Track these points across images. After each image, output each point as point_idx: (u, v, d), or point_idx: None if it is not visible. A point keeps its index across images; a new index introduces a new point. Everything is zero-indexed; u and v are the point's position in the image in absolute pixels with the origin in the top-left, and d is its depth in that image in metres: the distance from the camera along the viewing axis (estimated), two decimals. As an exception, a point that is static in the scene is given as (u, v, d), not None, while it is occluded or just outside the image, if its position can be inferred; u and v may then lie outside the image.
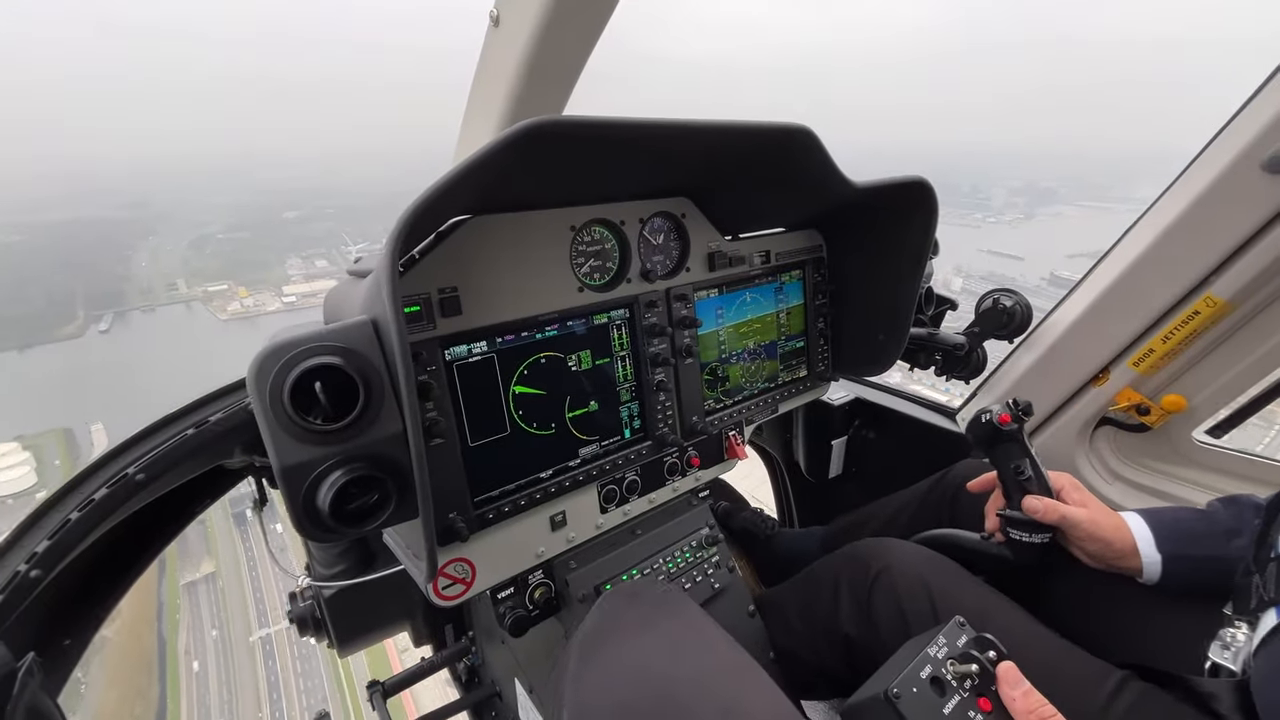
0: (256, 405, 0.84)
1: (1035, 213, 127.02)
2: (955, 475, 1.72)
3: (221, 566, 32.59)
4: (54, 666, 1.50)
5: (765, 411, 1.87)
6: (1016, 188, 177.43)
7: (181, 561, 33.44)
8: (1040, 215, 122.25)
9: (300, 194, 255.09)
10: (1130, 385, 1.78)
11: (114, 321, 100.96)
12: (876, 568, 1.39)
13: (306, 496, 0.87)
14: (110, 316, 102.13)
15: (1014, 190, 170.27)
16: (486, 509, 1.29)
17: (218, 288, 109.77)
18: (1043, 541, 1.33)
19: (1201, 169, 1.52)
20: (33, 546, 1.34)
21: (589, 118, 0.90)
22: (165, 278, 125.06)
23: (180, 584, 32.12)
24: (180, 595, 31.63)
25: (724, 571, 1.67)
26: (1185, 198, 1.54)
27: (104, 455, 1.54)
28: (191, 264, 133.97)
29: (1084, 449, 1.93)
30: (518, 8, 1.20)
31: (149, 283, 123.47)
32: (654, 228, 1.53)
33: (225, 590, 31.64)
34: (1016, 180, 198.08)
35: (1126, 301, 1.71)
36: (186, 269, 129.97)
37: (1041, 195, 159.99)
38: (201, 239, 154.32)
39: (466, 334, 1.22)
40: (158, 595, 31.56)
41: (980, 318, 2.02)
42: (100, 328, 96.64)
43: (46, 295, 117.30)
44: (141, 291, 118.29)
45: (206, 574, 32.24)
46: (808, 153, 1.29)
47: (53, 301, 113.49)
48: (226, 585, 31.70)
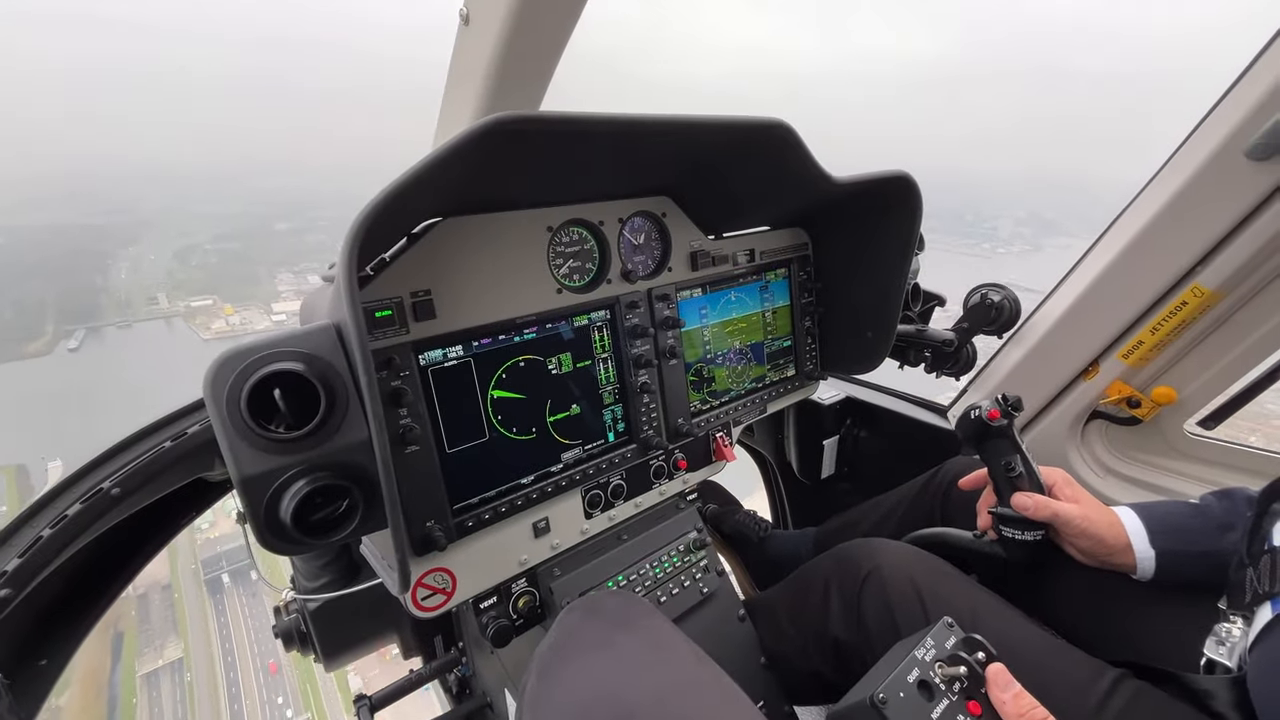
0: (213, 413, 0.82)
1: (1043, 244, 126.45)
2: (946, 473, 1.70)
3: (191, 650, 27.79)
4: (27, 689, 1.46)
5: (753, 412, 1.84)
6: (1022, 218, 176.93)
7: (143, 642, 28.34)
8: (1048, 247, 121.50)
9: (294, 205, 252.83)
10: (1120, 378, 1.77)
11: (86, 338, 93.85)
12: (866, 569, 1.36)
13: (268, 508, 0.84)
14: (82, 333, 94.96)
15: (1019, 220, 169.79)
16: (466, 517, 1.26)
17: (202, 303, 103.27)
18: (1035, 539, 1.31)
19: (1185, 157, 1.51)
20: (3, 565, 1.31)
21: (553, 113, 0.88)
22: (146, 291, 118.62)
23: (138, 674, 27.19)
24: (138, 688, 26.66)
25: (713, 576, 1.65)
26: (1170, 187, 1.53)
27: (78, 470, 1.51)
28: (175, 276, 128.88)
29: (1075, 443, 1.91)
30: (487, 5, 1.18)
31: (128, 295, 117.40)
32: (634, 227, 1.51)
33: (193, 682, 26.78)
34: (1020, 210, 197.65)
35: (1114, 293, 1.70)
36: (170, 281, 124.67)
37: (1046, 226, 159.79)
38: (187, 249, 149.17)
39: (441, 338, 1.20)
40: (109, 687, 26.76)
41: (969, 313, 2.00)
42: (70, 345, 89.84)
43: (15, 305, 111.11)
44: (119, 305, 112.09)
45: (172, 661, 27.45)
46: (786, 148, 1.27)
47: (21, 312, 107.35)
48: (196, 676, 26.92)
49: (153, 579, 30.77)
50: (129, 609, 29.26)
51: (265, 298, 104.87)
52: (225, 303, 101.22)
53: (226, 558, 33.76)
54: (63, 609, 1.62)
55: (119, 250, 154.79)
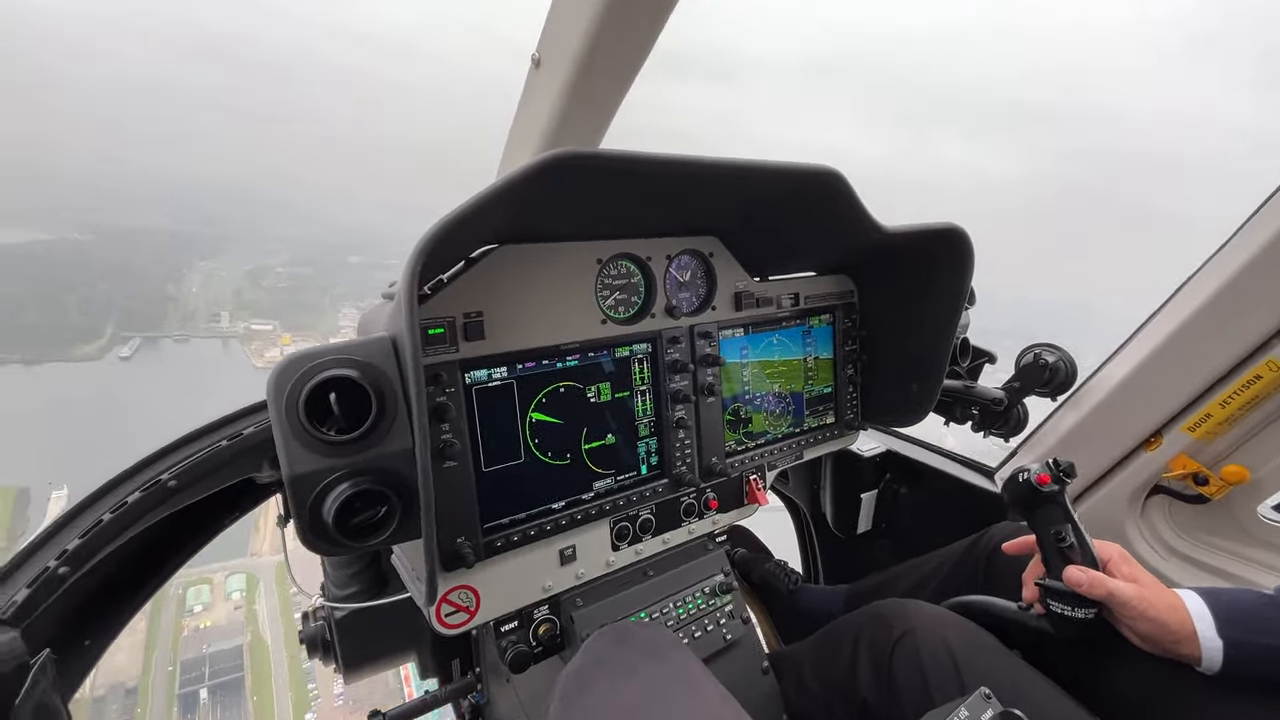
0: (273, 411, 0.87)
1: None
2: (992, 538, 1.62)
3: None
4: (69, 667, 1.53)
5: (789, 457, 1.81)
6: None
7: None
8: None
9: (370, 238, 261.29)
10: (1186, 452, 1.66)
11: (140, 347, 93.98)
12: (900, 630, 1.30)
13: (313, 506, 0.88)
14: (138, 341, 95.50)
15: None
16: (495, 536, 1.28)
17: (261, 327, 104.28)
18: (1086, 617, 1.23)
19: (1262, 223, 1.44)
20: (64, 544, 1.39)
21: (611, 151, 0.93)
22: (212, 306, 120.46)
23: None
24: None
25: (737, 623, 1.60)
26: (1245, 252, 1.46)
27: (141, 460, 1.60)
28: (244, 295, 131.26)
29: (1135, 518, 1.79)
30: (558, 52, 1.26)
31: (194, 308, 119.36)
32: (681, 265, 1.55)
33: None
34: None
35: (1180, 362, 1.62)
36: (237, 300, 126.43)
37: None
38: (261, 269, 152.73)
39: (488, 359, 1.24)
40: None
41: (1021, 372, 1.94)
42: (122, 352, 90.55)
43: (83, 304, 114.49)
44: (183, 317, 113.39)
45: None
46: (837, 196, 1.29)
47: (86, 312, 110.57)
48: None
49: (116, 674, 25.87)
50: (80, 713, 26.19)
51: (325, 330, 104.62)
52: (285, 330, 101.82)
53: (211, 662, 29.52)
54: (109, 594, 1.70)
55: (197, 261, 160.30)
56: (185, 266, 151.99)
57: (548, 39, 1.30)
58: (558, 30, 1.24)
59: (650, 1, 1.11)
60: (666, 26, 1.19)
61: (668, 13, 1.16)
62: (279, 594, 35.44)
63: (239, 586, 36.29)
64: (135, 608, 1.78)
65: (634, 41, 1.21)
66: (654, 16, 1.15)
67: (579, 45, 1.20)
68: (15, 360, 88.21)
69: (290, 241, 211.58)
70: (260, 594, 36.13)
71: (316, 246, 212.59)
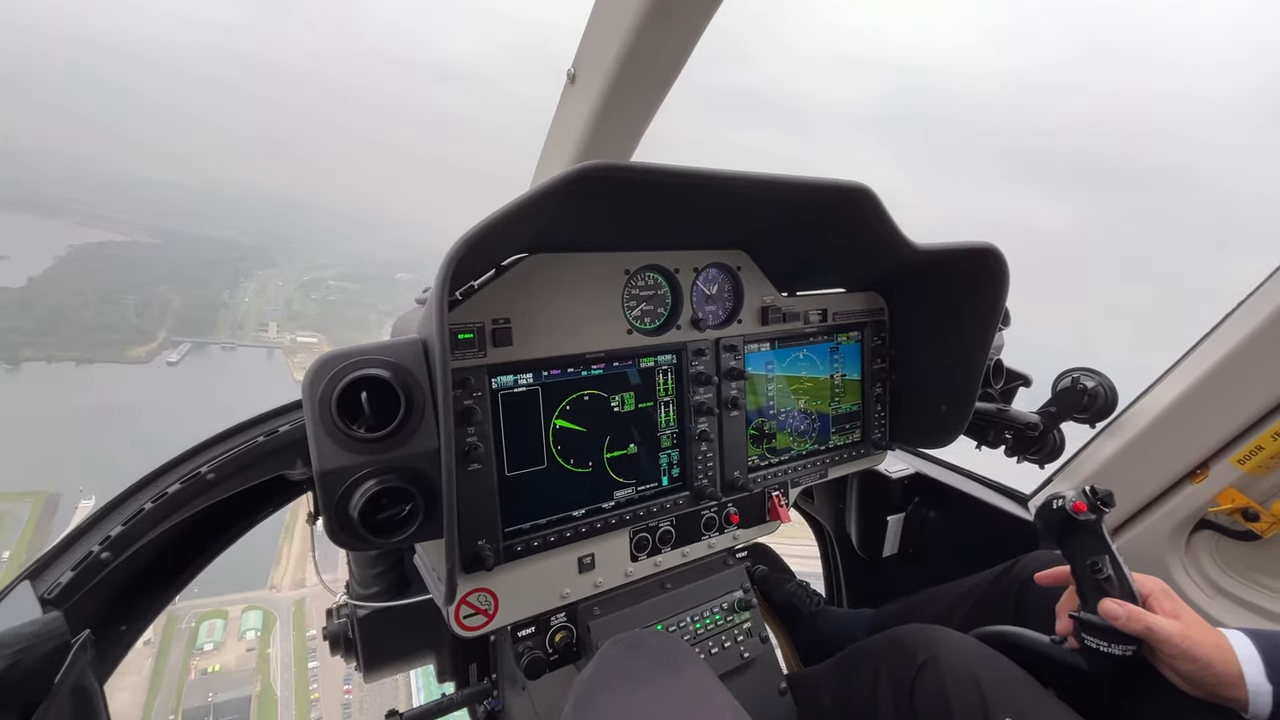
0: (306, 409, 0.90)
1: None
2: (1024, 568, 1.56)
3: None
4: (106, 650, 1.59)
5: (813, 475, 1.79)
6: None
7: None
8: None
9: (419, 255, 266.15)
10: (1235, 485, 1.58)
11: (190, 353, 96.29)
12: (923, 657, 1.26)
13: (341, 502, 0.90)
14: (188, 346, 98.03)
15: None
16: (515, 541, 1.29)
17: (307, 339, 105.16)
18: (1124, 654, 1.17)
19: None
20: (108, 530, 1.45)
21: (640, 164, 0.95)
22: (262, 315, 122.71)
23: None
24: None
25: (755, 641, 1.57)
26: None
27: (181, 454, 1.67)
28: (294, 306, 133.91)
29: (1179, 554, 1.71)
30: (593, 67, 1.30)
31: (245, 317, 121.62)
32: (708, 278, 1.55)
33: None
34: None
35: (1230, 390, 1.55)
36: (287, 311, 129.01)
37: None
38: (313, 282, 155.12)
39: (514, 364, 1.26)
40: None
41: (1057, 397, 1.88)
42: (170, 358, 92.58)
43: (141, 306, 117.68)
44: (233, 325, 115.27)
45: None
46: (867, 212, 1.29)
47: (142, 314, 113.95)
48: None
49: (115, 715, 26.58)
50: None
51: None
52: (330, 344, 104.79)
53: (216, 713, 27.58)
54: (145, 582, 1.76)
55: (255, 270, 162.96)
56: (243, 275, 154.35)
57: (583, 55, 1.33)
58: (593, 47, 1.27)
59: (683, 21, 1.14)
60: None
61: (700, 31, 1.18)
62: (295, 638, 33.84)
63: (254, 625, 34.66)
64: (169, 597, 1.85)
65: (666, 59, 1.24)
66: (686, 35, 1.18)
67: (613, 61, 1.23)
68: (69, 358, 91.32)
69: (345, 256, 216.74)
70: (275, 635, 34.02)
71: (369, 263, 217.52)
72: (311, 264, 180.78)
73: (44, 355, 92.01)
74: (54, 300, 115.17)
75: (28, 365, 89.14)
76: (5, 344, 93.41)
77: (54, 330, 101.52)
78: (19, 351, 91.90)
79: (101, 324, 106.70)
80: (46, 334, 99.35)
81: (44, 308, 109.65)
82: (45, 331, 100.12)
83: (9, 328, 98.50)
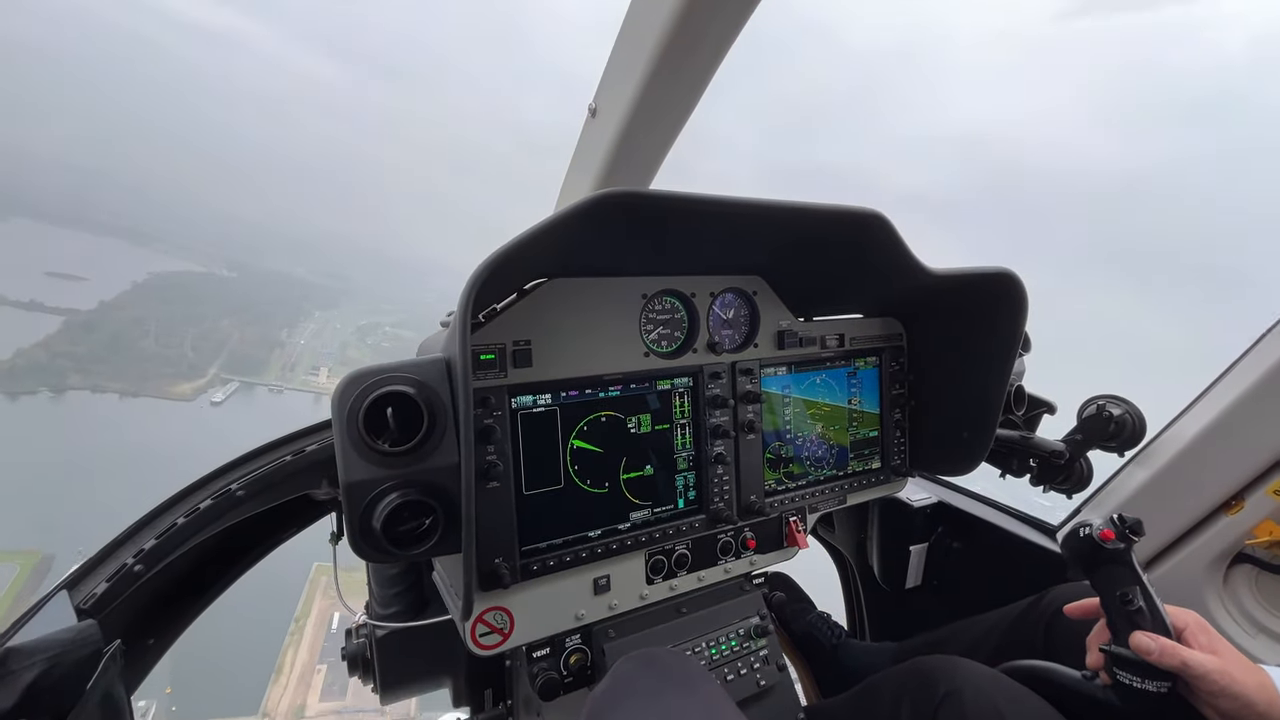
0: (335, 423, 0.94)
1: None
2: (1053, 601, 1.51)
3: None
4: (135, 662, 1.63)
5: (832, 501, 1.77)
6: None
7: None
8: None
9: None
10: (1272, 517, 1.53)
11: (235, 392, 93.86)
12: (944, 689, 1.23)
13: (364, 513, 0.94)
14: (235, 386, 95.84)
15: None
16: (532, 560, 1.30)
17: None
18: (1159, 690, 1.12)
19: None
20: (142, 544, 1.51)
21: (657, 191, 0.99)
22: (314, 359, 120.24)
23: None
24: None
25: (772, 669, 1.54)
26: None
27: (212, 472, 1.73)
28: (348, 350, 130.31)
29: (1216, 588, 1.64)
30: (614, 103, 1.36)
31: (297, 358, 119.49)
32: (725, 302, 1.58)
33: None
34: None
35: (1261, 418, 1.51)
36: (340, 355, 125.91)
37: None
38: (370, 326, 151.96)
39: (534, 385, 1.30)
40: None
41: (1083, 425, 1.85)
42: (215, 397, 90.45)
43: (198, 340, 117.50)
44: (285, 367, 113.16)
45: None
46: (882, 238, 1.31)
47: (197, 348, 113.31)
48: None
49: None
50: None
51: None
52: None
53: None
54: (174, 597, 1.81)
55: (316, 311, 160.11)
56: (303, 315, 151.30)
57: (604, 90, 1.40)
58: (613, 83, 1.34)
59: (698, 59, 1.19)
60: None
61: (713, 70, 1.23)
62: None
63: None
64: (195, 613, 1.89)
65: (681, 96, 1.29)
66: (701, 71, 1.23)
67: (631, 99, 1.29)
68: (115, 390, 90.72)
69: (405, 303, 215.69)
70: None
71: (426, 310, 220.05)
72: (372, 308, 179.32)
73: (90, 384, 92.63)
74: (116, 326, 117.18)
75: (72, 394, 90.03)
76: (54, 370, 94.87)
77: (107, 358, 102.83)
78: (66, 378, 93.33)
79: (156, 355, 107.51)
80: (99, 361, 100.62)
81: (105, 333, 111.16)
82: (98, 359, 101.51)
83: (63, 352, 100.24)
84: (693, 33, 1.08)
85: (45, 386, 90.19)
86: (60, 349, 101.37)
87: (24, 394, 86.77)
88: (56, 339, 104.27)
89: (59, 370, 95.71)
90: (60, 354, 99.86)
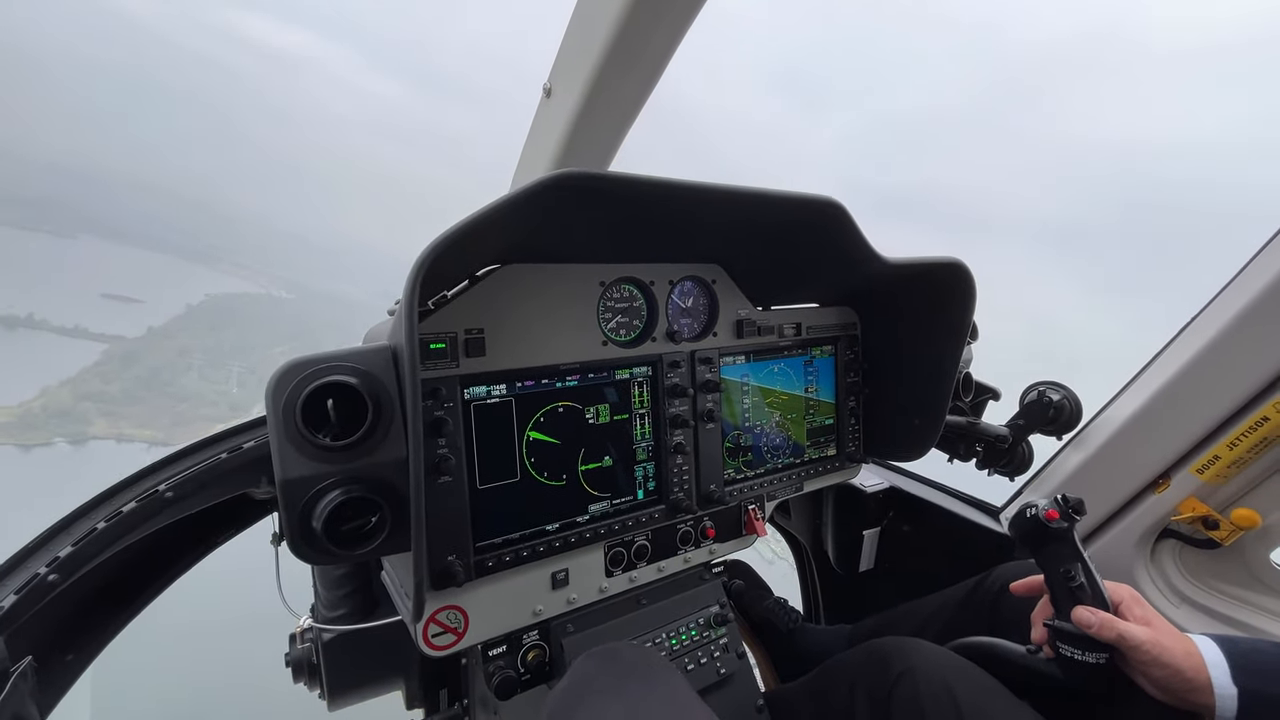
0: (270, 416, 0.87)
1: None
2: (998, 579, 1.57)
3: None
4: (51, 678, 1.50)
5: (789, 488, 1.79)
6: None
7: None
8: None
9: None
10: (1195, 494, 1.63)
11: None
12: (898, 669, 1.26)
13: (303, 512, 0.87)
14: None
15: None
16: (487, 556, 1.26)
17: None
18: (1098, 662, 1.18)
19: (1268, 259, 1.44)
20: (57, 551, 1.38)
21: (613, 173, 0.95)
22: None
23: None
24: None
25: (732, 657, 1.55)
26: (1250, 291, 1.46)
27: (138, 471, 1.60)
28: None
29: (1144, 562, 1.74)
30: (568, 82, 1.31)
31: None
32: (683, 291, 1.56)
33: None
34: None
35: (1186, 402, 1.60)
36: None
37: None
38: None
39: (487, 375, 1.25)
40: None
41: (1025, 410, 1.92)
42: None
43: (245, 374, 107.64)
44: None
45: None
46: (838, 226, 1.31)
47: (243, 384, 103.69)
48: None
49: None
50: None
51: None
52: None
53: None
54: (95, 608, 1.67)
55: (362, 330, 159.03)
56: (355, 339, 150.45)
57: (559, 70, 1.35)
58: (569, 61, 1.29)
59: (656, 37, 1.16)
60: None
61: (674, 46, 1.20)
62: None
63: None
64: (120, 625, 1.75)
65: (639, 75, 1.26)
66: (660, 51, 1.20)
67: (587, 78, 1.25)
68: (143, 438, 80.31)
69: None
70: None
71: None
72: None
73: (116, 433, 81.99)
74: (160, 359, 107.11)
75: (94, 444, 78.82)
76: (76, 416, 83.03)
77: (143, 397, 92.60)
78: (90, 425, 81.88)
79: (196, 393, 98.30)
80: (133, 401, 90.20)
81: (145, 366, 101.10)
82: (132, 398, 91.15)
83: (92, 393, 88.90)
84: (651, 8, 1.05)
85: (62, 436, 79.18)
86: (89, 389, 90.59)
87: (38, 445, 76.04)
88: (88, 375, 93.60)
89: (82, 416, 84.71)
90: (88, 395, 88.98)
